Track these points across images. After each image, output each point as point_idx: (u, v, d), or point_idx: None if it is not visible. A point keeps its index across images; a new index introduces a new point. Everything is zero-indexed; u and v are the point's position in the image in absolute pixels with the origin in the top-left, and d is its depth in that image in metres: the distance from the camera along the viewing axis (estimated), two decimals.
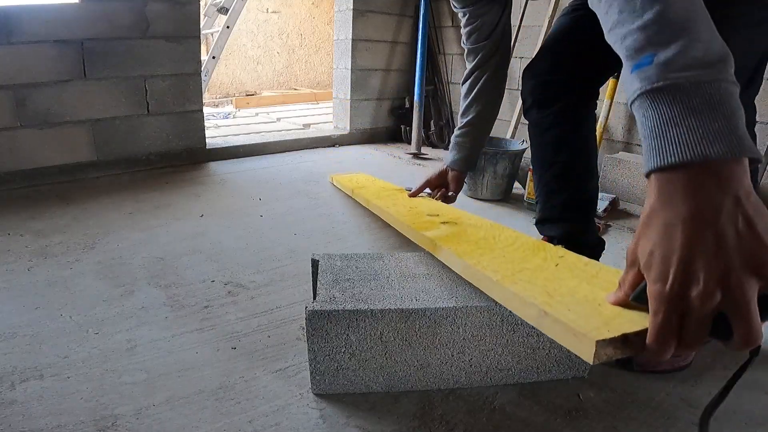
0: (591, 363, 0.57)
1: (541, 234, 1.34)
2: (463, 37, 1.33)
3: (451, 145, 1.46)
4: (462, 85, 1.41)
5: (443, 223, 1.16)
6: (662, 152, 0.47)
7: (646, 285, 0.50)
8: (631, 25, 0.52)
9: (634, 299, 0.57)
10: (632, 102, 0.52)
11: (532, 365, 0.96)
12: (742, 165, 0.45)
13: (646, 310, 0.50)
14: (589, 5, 0.62)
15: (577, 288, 0.75)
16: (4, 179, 1.97)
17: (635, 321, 0.62)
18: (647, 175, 0.50)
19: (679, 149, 0.46)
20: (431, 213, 1.28)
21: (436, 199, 1.49)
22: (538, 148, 1.22)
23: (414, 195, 1.52)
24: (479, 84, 1.34)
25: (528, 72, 1.18)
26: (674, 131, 0.47)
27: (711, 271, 0.44)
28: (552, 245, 0.97)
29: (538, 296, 0.71)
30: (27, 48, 1.91)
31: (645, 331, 0.56)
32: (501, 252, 0.92)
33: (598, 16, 0.60)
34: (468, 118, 1.40)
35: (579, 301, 0.68)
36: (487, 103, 1.37)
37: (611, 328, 0.60)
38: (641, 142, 0.51)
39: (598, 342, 0.57)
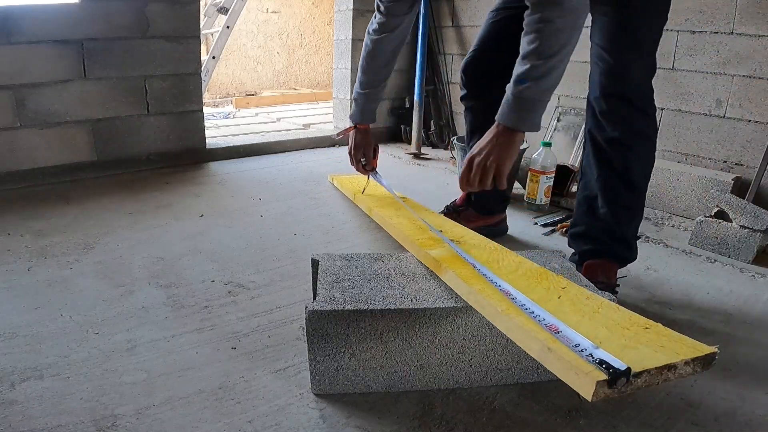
0: (590, 400, 0.61)
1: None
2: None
3: (356, 104, 1.61)
4: (369, 44, 1.51)
5: None
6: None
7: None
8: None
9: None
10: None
11: (532, 365, 0.96)
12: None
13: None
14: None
15: (579, 324, 0.77)
16: (4, 179, 1.97)
17: (634, 362, 0.64)
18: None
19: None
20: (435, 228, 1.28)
21: (363, 167, 1.67)
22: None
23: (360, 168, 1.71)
24: (387, 47, 1.50)
25: None
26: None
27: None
28: (554, 274, 0.98)
29: (543, 331, 0.73)
30: (27, 48, 1.91)
31: (644, 372, 0.62)
32: (505, 279, 0.93)
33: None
34: (374, 77, 1.57)
35: (586, 339, 0.70)
36: (390, 64, 1.57)
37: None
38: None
39: (598, 382, 0.61)
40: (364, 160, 1.64)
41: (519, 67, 1.04)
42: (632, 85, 1.17)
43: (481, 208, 1.65)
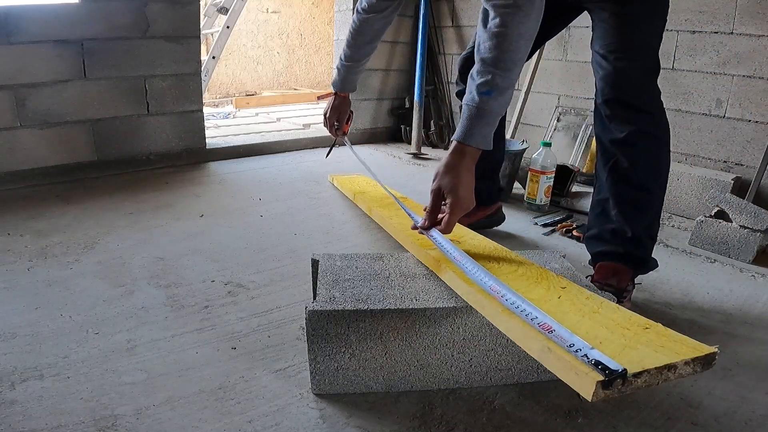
0: (590, 400, 0.61)
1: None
2: None
3: (338, 73, 1.68)
4: (357, 22, 1.55)
5: None
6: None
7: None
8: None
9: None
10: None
11: (532, 365, 0.96)
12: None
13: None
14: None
15: (579, 324, 0.76)
16: (4, 179, 1.97)
17: (634, 362, 0.64)
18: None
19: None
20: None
21: (335, 132, 1.76)
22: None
23: (332, 132, 1.79)
24: (374, 26, 1.54)
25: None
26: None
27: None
28: (554, 274, 0.97)
29: (538, 332, 0.73)
30: (27, 48, 1.91)
31: (643, 372, 0.62)
32: (505, 279, 0.92)
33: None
34: (358, 52, 1.61)
35: (581, 339, 0.70)
36: (375, 41, 1.61)
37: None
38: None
39: (598, 382, 0.60)
40: (338, 124, 1.75)
41: (480, 77, 0.98)
42: (632, 90, 1.18)
43: (477, 202, 1.68)
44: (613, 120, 1.20)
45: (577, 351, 0.67)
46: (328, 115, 1.74)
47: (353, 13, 1.57)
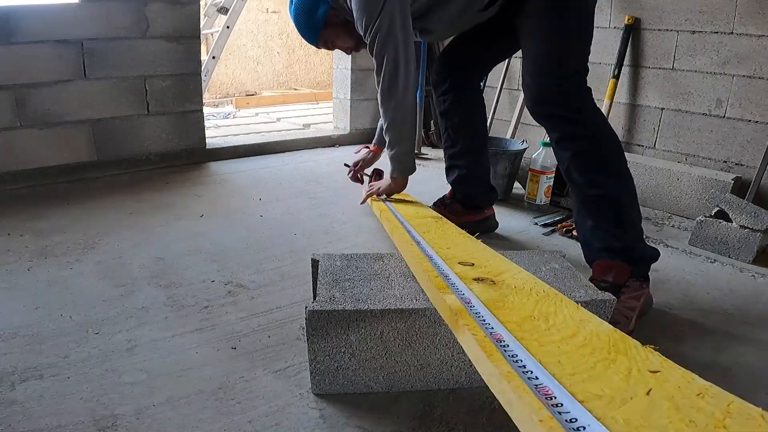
0: None
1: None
2: None
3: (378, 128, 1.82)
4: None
5: (476, 280, 0.86)
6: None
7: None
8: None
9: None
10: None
11: None
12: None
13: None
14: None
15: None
16: (4, 179, 1.97)
17: None
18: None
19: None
20: (464, 261, 0.97)
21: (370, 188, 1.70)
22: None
23: (354, 178, 1.86)
24: None
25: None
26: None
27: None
28: (640, 345, 0.63)
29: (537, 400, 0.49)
30: (27, 48, 1.91)
31: None
32: (557, 350, 0.60)
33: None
34: None
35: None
36: None
37: None
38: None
39: None
40: (360, 171, 1.85)
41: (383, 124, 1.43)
42: (550, 100, 1.26)
43: (467, 202, 1.70)
44: (547, 128, 1.30)
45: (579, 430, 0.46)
46: (358, 167, 1.82)
47: None
